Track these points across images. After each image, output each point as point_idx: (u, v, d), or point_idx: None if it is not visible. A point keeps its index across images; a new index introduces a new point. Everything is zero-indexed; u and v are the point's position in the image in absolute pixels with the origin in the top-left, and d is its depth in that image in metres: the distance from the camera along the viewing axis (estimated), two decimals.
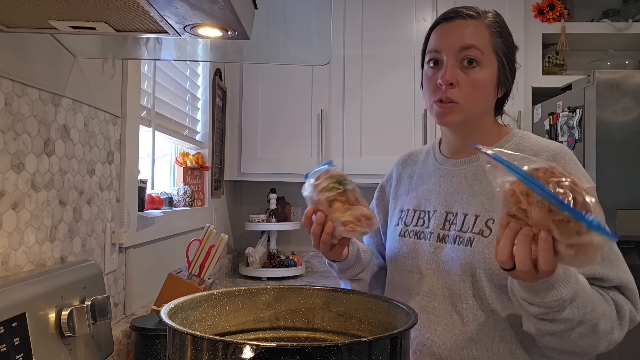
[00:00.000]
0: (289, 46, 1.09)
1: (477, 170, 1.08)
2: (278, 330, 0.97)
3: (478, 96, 1.04)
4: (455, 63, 1.03)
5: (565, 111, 2.45)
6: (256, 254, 2.79)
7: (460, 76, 1.03)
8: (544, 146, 1.04)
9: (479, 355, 0.98)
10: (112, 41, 1.15)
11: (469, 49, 1.02)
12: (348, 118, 2.75)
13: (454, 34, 1.05)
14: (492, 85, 1.05)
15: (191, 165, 2.25)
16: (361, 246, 1.13)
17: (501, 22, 1.08)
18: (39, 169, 1.03)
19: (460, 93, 1.03)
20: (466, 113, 1.04)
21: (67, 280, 0.98)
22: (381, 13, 2.75)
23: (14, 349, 0.81)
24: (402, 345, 0.75)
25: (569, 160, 1.01)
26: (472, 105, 1.04)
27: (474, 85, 1.03)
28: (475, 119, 1.07)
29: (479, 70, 1.03)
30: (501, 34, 1.06)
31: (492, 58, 1.04)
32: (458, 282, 1.01)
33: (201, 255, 1.45)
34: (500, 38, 1.06)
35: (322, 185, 0.96)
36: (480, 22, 1.05)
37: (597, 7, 3.00)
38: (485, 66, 1.04)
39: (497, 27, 1.06)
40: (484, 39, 1.04)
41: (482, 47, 1.03)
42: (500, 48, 1.05)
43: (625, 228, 2.17)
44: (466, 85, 1.03)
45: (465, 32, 1.04)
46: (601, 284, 0.94)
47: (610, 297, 0.93)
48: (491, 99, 1.08)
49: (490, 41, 1.04)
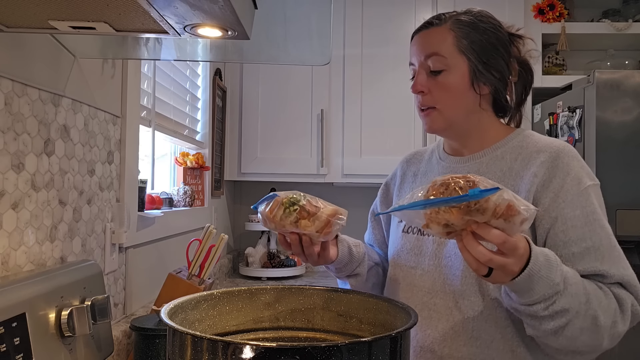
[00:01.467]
0: (289, 46, 1.09)
1: (480, 167, 1.09)
2: (278, 330, 0.98)
3: (452, 98, 1.06)
4: (424, 72, 1.08)
5: (565, 111, 2.45)
6: (256, 254, 2.79)
7: (430, 83, 1.07)
8: (547, 144, 1.05)
9: (480, 353, 0.99)
10: (112, 41, 1.15)
11: (431, 56, 1.06)
12: (348, 118, 2.75)
13: (420, 44, 1.10)
14: (465, 84, 1.05)
15: (191, 165, 2.25)
16: (352, 242, 1.14)
17: (472, 20, 1.06)
18: (39, 169, 1.03)
19: (433, 99, 1.07)
20: (446, 116, 1.07)
21: (67, 280, 0.98)
22: (381, 13, 2.75)
23: (14, 349, 0.81)
24: (402, 345, 0.75)
25: (572, 157, 1.02)
26: (450, 108, 1.07)
27: (444, 90, 1.06)
28: (461, 120, 1.08)
29: (446, 74, 1.06)
30: (469, 33, 1.05)
31: (459, 59, 1.05)
32: (461, 278, 1.01)
33: (201, 255, 1.45)
34: (467, 38, 1.05)
35: (278, 214, 0.97)
36: (443, 27, 1.07)
37: (597, 7, 3.00)
38: (452, 68, 1.05)
39: (464, 27, 1.06)
40: (446, 43, 1.05)
41: (444, 52, 1.05)
42: (467, 48, 1.05)
43: (625, 228, 2.16)
44: (437, 91, 1.06)
45: (427, 41, 1.08)
46: (602, 280, 0.94)
47: (611, 291, 0.93)
48: (471, 98, 1.07)
49: (453, 43, 1.05)
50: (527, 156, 1.04)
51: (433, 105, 1.07)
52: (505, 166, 1.06)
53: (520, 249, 0.79)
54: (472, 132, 1.10)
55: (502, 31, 1.08)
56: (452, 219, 0.75)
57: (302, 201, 0.97)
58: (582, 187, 0.98)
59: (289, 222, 0.97)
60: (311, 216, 0.96)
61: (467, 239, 0.77)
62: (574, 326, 0.88)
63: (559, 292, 0.85)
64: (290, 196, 0.98)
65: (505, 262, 0.78)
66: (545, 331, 0.89)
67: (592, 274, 0.94)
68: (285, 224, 0.97)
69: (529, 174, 1.01)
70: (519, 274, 0.81)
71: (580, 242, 0.95)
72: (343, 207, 1.00)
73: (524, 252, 0.80)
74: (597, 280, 0.94)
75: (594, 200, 0.98)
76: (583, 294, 0.88)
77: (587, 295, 0.89)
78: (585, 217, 0.96)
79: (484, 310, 0.99)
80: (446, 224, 0.77)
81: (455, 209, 0.74)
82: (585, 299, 0.88)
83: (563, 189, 0.98)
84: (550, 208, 0.98)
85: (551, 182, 0.99)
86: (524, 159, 1.04)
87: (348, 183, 2.79)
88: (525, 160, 1.04)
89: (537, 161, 1.02)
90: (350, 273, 1.14)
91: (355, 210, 0.99)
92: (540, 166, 1.01)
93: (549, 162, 1.01)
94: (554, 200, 0.98)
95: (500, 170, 1.06)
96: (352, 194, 2.89)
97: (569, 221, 0.96)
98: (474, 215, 0.74)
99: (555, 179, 0.99)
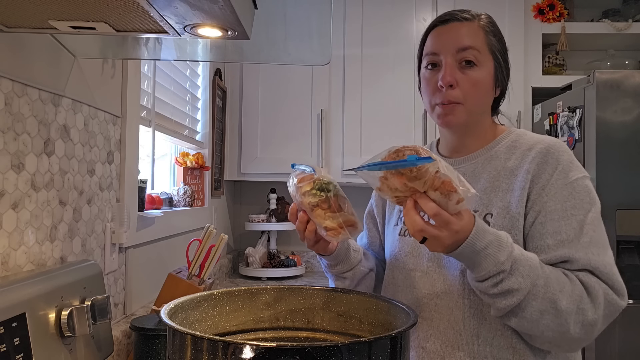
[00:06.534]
0: (289, 46, 1.09)
1: (475, 168, 1.10)
2: (278, 330, 0.98)
3: (479, 95, 1.07)
4: (454, 64, 1.05)
5: (565, 111, 2.45)
6: (256, 254, 2.79)
7: (460, 77, 1.05)
8: (538, 140, 1.07)
9: (481, 350, 0.99)
10: (112, 41, 1.15)
11: (466, 49, 1.05)
12: (348, 118, 2.75)
13: (451, 35, 1.07)
14: (491, 83, 1.08)
15: (191, 165, 2.25)
16: (353, 245, 1.14)
17: (494, 23, 1.11)
18: (39, 169, 1.03)
19: (461, 93, 1.05)
20: (469, 112, 1.07)
21: (67, 280, 0.98)
22: (381, 13, 2.76)
23: (14, 349, 0.81)
24: (402, 345, 0.75)
25: (562, 152, 1.03)
26: (474, 105, 1.07)
27: (474, 85, 1.05)
28: (476, 119, 1.10)
29: (477, 69, 1.05)
30: (495, 34, 1.09)
31: (488, 57, 1.07)
32: (460, 277, 1.02)
33: (201, 255, 1.45)
34: (495, 38, 1.09)
35: (304, 189, 0.96)
36: (475, 23, 1.08)
37: (597, 7, 3.00)
38: (483, 65, 1.06)
39: (490, 28, 1.09)
40: (480, 39, 1.06)
41: (478, 47, 1.06)
42: (495, 47, 1.08)
43: (625, 228, 2.16)
44: (466, 85, 1.05)
45: (461, 34, 1.06)
46: (569, 267, 0.95)
47: (577, 277, 0.94)
48: (490, 98, 1.11)
49: (485, 41, 1.07)
50: (520, 154, 1.06)
51: (459, 101, 1.05)
52: (499, 165, 1.07)
53: (455, 225, 0.83)
54: (475, 130, 1.12)
55: None
56: (397, 184, 0.82)
57: (331, 193, 0.95)
58: (568, 181, 1.00)
59: (307, 202, 0.95)
60: (329, 211, 0.94)
61: (408, 206, 0.83)
62: (532, 308, 0.90)
63: (504, 271, 0.88)
64: (326, 181, 0.96)
65: (436, 234, 0.83)
66: (500, 309, 0.92)
67: (559, 260, 0.96)
68: (304, 200, 0.96)
69: (523, 171, 1.03)
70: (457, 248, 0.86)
71: (555, 235, 0.97)
72: None
73: (461, 229, 0.84)
74: (564, 267, 0.95)
75: (577, 194, 0.99)
76: (540, 276, 0.90)
77: (546, 279, 0.91)
78: (564, 211, 0.98)
79: (484, 308, 1.00)
80: (395, 189, 0.83)
81: (401, 175, 0.81)
82: (544, 282, 0.90)
83: (549, 182, 1.00)
84: (536, 202, 1.00)
85: (540, 176, 1.01)
86: (517, 157, 1.06)
87: (348, 183, 2.79)
88: (519, 159, 1.05)
89: (529, 157, 1.04)
90: (339, 274, 1.14)
91: (355, 210, 0.98)
92: (531, 162, 1.03)
93: (539, 157, 1.03)
94: (540, 194, 1.00)
95: (494, 169, 1.07)
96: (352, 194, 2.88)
97: (548, 214, 0.98)
98: (414, 183, 0.80)
99: (544, 173, 1.01)
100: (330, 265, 1.12)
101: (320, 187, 0.95)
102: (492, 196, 1.04)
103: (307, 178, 0.96)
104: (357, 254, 1.15)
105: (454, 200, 0.81)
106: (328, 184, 0.95)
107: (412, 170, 0.79)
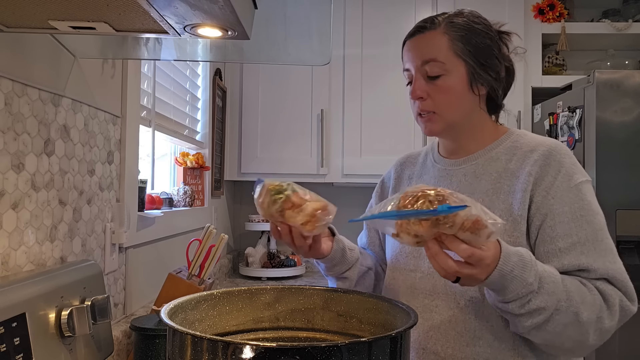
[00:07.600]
0: (289, 46, 1.09)
1: (476, 169, 1.09)
2: (278, 330, 0.98)
3: (452, 102, 1.06)
4: (422, 77, 1.07)
5: (565, 111, 2.45)
6: (256, 254, 2.79)
7: (429, 88, 1.06)
8: (539, 142, 1.06)
9: (482, 352, 0.99)
10: (112, 41, 1.14)
11: (428, 62, 1.06)
12: (348, 118, 2.75)
13: (415, 49, 1.09)
14: (464, 87, 1.06)
15: (191, 165, 2.25)
16: (348, 244, 1.14)
17: (466, 22, 1.07)
18: (39, 169, 1.03)
19: (432, 103, 1.06)
20: (446, 119, 1.07)
21: (67, 280, 0.98)
22: (381, 13, 2.75)
23: (14, 349, 0.81)
24: (402, 345, 0.75)
25: (564, 154, 1.03)
26: (450, 111, 1.07)
27: (444, 93, 1.06)
28: (461, 122, 1.09)
29: (445, 78, 1.05)
30: (464, 36, 1.05)
31: (456, 62, 1.05)
32: None
33: (201, 255, 1.45)
34: (462, 41, 1.05)
35: (265, 201, 0.96)
36: (437, 31, 1.06)
37: (597, 7, 3.00)
38: (451, 72, 1.05)
39: (458, 30, 1.05)
40: (442, 48, 1.05)
41: (441, 57, 1.05)
42: (463, 50, 1.05)
43: (625, 228, 2.16)
44: (436, 95, 1.06)
45: (423, 46, 1.07)
46: (587, 276, 0.95)
47: (595, 286, 0.94)
48: (470, 100, 1.08)
49: (449, 47, 1.05)
50: (521, 156, 1.05)
51: (433, 110, 1.07)
52: (500, 167, 1.06)
53: (487, 259, 0.82)
54: (470, 132, 1.11)
55: (492, 30, 1.09)
56: (421, 231, 0.79)
57: (288, 191, 0.95)
58: (573, 184, 1.00)
59: (275, 211, 0.95)
60: (296, 207, 0.95)
61: (434, 250, 0.80)
62: (556, 322, 0.90)
63: (532, 292, 0.87)
64: (277, 184, 0.97)
65: (471, 273, 0.82)
66: (524, 328, 0.91)
67: (577, 269, 0.95)
68: (272, 212, 0.96)
69: (524, 173, 1.02)
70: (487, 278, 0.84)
71: (566, 237, 0.96)
72: (343, 207, 0.99)
73: (492, 261, 0.83)
74: (582, 275, 0.95)
75: (584, 196, 0.99)
76: (563, 291, 0.90)
77: (568, 293, 0.90)
78: (572, 213, 0.98)
79: (486, 310, 0.99)
80: (416, 235, 0.80)
81: (425, 221, 0.78)
82: (566, 297, 0.90)
83: (554, 185, 1.00)
84: (541, 205, 0.99)
85: (543, 179, 1.00)
86: (519, 159, 1.05)
87: (348, 183, 2.79)
88: (520, 160, 1.05)
89: (531, 160, 1.03)
90: (338, 275, 1.14)
91: (355, 210, 0.98)
92: (533, 164, 1.02)
93: (541, 159, 1.02)
94: (545, 197, 0.99)
95: (495, 171, 1.06)
96: (352, 194, 2.88)
97: (557, 217, 0.98)
98: (442, 228, 0.78)
99: (547, 176, 1.00)
100: (328, 267, 1.12)
101: (275, 192, 0.96)
102: (494, 198, 1.03)
103: (262, 192, 0.97)
104: (353, 253, 1.15)
105: (483, 236, 0.79)
106: (280, 186, 0.96)
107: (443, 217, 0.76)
